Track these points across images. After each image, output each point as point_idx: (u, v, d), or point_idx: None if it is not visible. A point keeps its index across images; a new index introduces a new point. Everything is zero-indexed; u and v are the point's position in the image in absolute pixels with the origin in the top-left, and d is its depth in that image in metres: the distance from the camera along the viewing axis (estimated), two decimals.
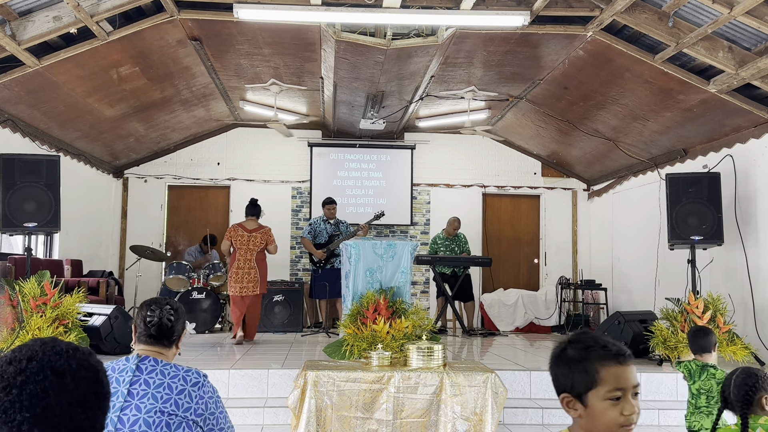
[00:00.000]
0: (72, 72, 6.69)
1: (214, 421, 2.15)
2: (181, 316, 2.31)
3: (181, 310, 2.33)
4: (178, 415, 2.06)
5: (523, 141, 10.48)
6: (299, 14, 5.84)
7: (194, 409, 2.09)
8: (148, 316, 2.26)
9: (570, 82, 7.63)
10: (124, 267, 10.02)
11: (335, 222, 8.53)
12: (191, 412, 2.08)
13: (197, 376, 2.16)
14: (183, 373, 2.14)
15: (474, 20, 5.99)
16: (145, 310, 2.28)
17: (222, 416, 2.19)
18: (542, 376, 5.66)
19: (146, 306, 2.30)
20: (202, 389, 2.14)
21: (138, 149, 9.83)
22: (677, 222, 6.70)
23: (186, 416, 2.07)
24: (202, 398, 2.12)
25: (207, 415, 2.12)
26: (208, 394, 2.15)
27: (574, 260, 10.78)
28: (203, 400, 2.13)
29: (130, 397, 2.05)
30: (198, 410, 2.10)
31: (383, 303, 5.77)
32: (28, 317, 5.42)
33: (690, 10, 5.70)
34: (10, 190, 5.97)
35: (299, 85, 8.26)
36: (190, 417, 2.08)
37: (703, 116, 7.11)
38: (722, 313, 6.06)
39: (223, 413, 2.20)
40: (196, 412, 2.10)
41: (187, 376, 2.14)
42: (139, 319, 2.28)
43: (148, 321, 2.25)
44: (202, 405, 2.12)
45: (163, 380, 2.10)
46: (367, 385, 4.15)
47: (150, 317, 2.25)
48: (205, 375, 2.20)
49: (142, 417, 2.04)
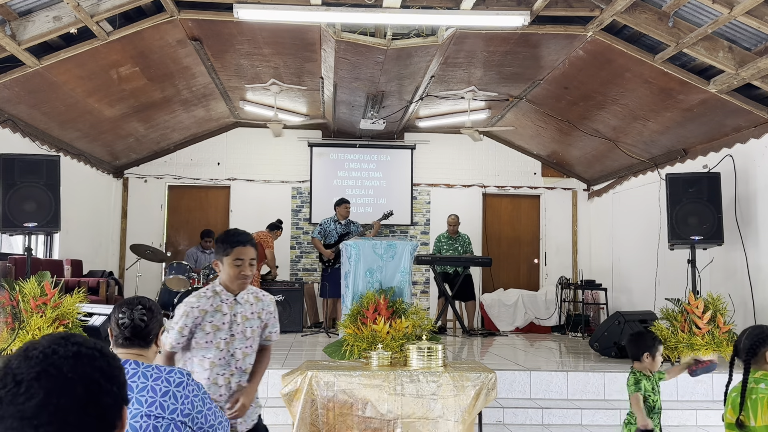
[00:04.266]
0: (72, 72, 6.68)
1: (202, 419, 2.13)
2: (156, 315, 2.26)
3: (156, 308, 2.28)
4: (164, 417, 2.04)
5: (523, 141, 10.48)
6: (299, 14, 5.84)
7: (180, 409, 2.07)
8: (120, 319, 2.22)
9: (570, 82, 7.63)
10: (124, 267, 10.02)
11: (346, 222, 8.57)
12: (178, 413, 2.06)
13: (180, 376, 2.13)
14: (165, 375, 2.11)
15: (474, 20, 5.99)
16: (117, 312, 2.24)
17: (210, 412, 2.17)
18: (542, 376, 5.66)
19: (117, 308, 2.25)
20: (187, 388, 2.11)
21: (138, 149, 9.83)
22: (677, 222, 6.69)
23: (173, 418, 2.05)
24: (187, 397, 2.10)
25: (194, 414, 2.10)
26: (193, 393, 2.12)
27: (574, 260, 10.78)
28: (188, 399, 2.10)
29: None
30: (185, 410, 2.08)
31: (383, 303, 5.76)
32: (28, 317, 5.42)
33: (690, 10, 5.70)
34: (10, 190, 5.96)
35: (299, 85, 8.26)
36: (178, 418, 2.06)
37: (703, 116, 7.11)
38: (722, 313, 6.06)
39: (211, 409, 2.18)
40: (183, 412, 2.07)
41: (170, 377, 2.10)
42: (112, 322, 2.24)
43: (121, 323, 2.21)
44: (188, 405, 2.09)
45: (146, 383, 2.07)
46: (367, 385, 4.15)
47: (122, 319, 2.21)
48: (188, 373, 2.17)
49: (129, 423, 2.01)
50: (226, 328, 2.73)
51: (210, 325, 2.71)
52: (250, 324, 2.79)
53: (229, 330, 2.73)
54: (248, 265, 2.72)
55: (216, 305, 2.73)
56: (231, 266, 2.71)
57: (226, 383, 2.74)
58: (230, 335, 2.73)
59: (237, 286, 2.74)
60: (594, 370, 5.83)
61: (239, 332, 2.75)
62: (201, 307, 2.70)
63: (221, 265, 2.75)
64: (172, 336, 2.71)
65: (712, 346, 5.89)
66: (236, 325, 2.75)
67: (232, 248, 2.71)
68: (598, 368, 5.93)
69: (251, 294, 2.84)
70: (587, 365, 6.34)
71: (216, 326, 2.71)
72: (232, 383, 2.74)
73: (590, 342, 7.17)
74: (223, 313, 2.73)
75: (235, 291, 2.77)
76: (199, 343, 2.71)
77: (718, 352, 5.86)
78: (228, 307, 2.75)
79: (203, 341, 2.70)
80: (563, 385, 5.53)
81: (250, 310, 2.80)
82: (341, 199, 8.69)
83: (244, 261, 2.71)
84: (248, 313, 2.79)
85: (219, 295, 2.75)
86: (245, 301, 2.80)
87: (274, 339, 2.96)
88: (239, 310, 2.76)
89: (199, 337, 2.71)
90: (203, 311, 2.70)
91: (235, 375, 2.76)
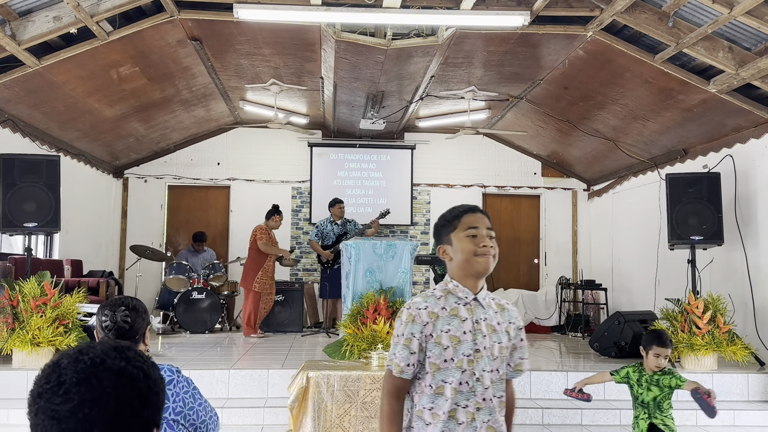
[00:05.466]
0: (72, 72, 6.68)
1: (194, 415, 2.12)
2: (141, 314, 2.24)
3: (140, 306, 2.26)
4: None
5: (523, 141, 10.48)
6: (299, 14, 5.84)
7: (172, 408, 2.06)
8: (103, 321, 2.20)
9: (570, 82, 7.63)
10: (124, 267, 10.02)
11: (342, 222, 8.57)
12: (170, 412, 2.05)
13: (170, 374, 2.12)
14: None
15: (474, 20, 5.99)
16: (100, 314, 2.22)
17: (201, 408, 2.16)
18: (542, 376, 5.67)
19: (101, 310, 2.24)
20: (177, 386, 2.10)
21: (138, 149, 9.83)
22: (677, 222, 6.69)
23: (165, 417, 2.04)
24: (178, 395, 2.09)
25: (186, 411, 2.10)
26: (183, 390, 2.11)
27: (574, 260, 10.78)
28: (179, 397, 2.09)
29: None
30: (176, 409, 2.07)
31: (383, 303, 5.77)
32: (28, 317, 5.42)
33: (690, 10, 5.70)
34: (10, 190, 5.97)
35: (299, 85, 8.26)
36: (170, 417, 2.05)
37: (703, 116, 7.11)
38: (722, 313, 6.06)
39: (202, 404, 2.17)
40: (175, 411, 2.07)
41: None
42: (96, 324, 2.23)
43: (104, 325, 2.19)
44: (179, 402, 2.08)
45: None
46: (367, 386, 4.15)
47: (105, 321, 2.19)
48: (178, 370, 2.15)
49: None
50: (469, 339, 1.94)
51: (446, 335, 1.94)
52: (497, 338, 1.99)
53: (473, 342, 1.95)
54: (488, 237, 2.00)
55: (450, 308, 1.98)
56: (465, 240, 1.99)
57: (469, 419, 1.92)
58: (474, 350, 1.94)
59: (479, 268, 1.97)
60: (594, 370, 5.83)
61: (486, 347, 1.96)
62: (430, 309, 1.96)
63: (450, 249, 2.04)
64: (399, 354, 1.95)
65: (712, 346, 5.89)
66: (481, 337, 1.96)
67: (458, 218, 2.04)
68: (598, 368, 5.93)
69: (492, 299, 2.07)
70: (587, 365, 6.34)
71: (455, 337, 1.94)
72: (477, 421, 1.92)
73: (590, 342, 7.17)
74: (461, 319, 1.96)
75: (474, 286, 2.00)
76: (434, 363, 1.93)
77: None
78: (467, 310, 1.98)
79: (439, 359, 1.93)
80: (563, 385, 5.53)
81: (495, 319, 2.02)
82: (334, 199, 8.69)
83: (479, 229, 2.00)
84: (494, 323, 2.00)
85: (453, 294, 2.00)
86: (488, 305, 2.03)
87: (525, 369, 2.11)
88: (482, 315, 1.99)
89: (433, 354, 1.94)
90: (433, 315, 1.96)
91: (483, 410, 1.93)
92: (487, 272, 1.99)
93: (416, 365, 1.94)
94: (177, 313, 8.28)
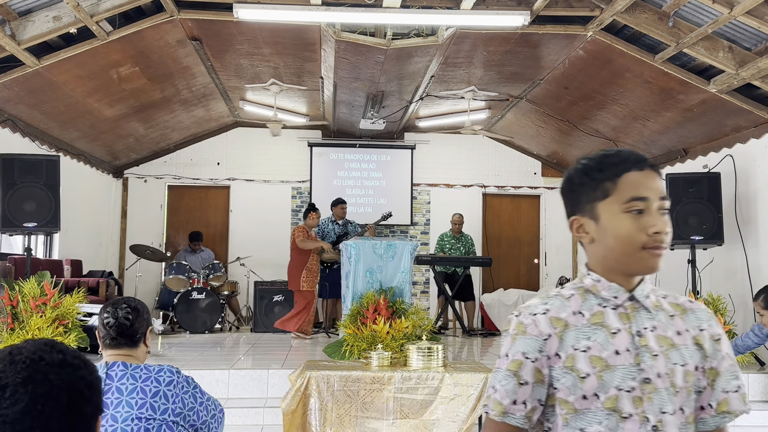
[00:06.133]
0: (72, 72, 6.68)
1: (194, 416, 2.10)
2: (142, 314, 2.25)
3: (142, 307, 2.28)
4: (156, 419, 2.01)
5: (523, 141, 10.48)
6: (299, 14, 5.83)
7: (172, 409, 2.05)
8: (105, 319, 2.21)
9: (570, 82, 7.63)
10: (124, 267, 10.01)
11: (343, 222, 8.57)
12: (169, 413, 2.04)
13: (170, 375, 2.10)
14: (155, 375, 2.08)
15: (474, 20, 5.99)
16: (102, 313, 2.23)
17: (203, 408, 2.14)
18: None
19: (103, 309, 2.25)
20: (177, 386, 2.09)
21: (138, 149, 9.83)
22: (677, 222, 6.69)
23: (165, 419, 2.02)
24: (177, 396, 2.07)
25: (186, 412, 2.08)
26: (183, 390, 2.10)
27: (574, 260, 10.77)
28: (179, 397, 2.07)
29: (105, 407, 1.96)
30: (176, 410, 2.05)
31: (383, 303, 5.76)
32: (28, 317, 5.41)
33: (690, 10, 5.70)
34: (10, 190, 5.96)
35: (299, 85, 8.26)
36: (169, 418, 2.03)
37: (703, 116, 7.11)
38: (722, 313, 6.05)
39: (203, 404, 2.15)
40: (175, 412, 2.05)
41: (160, 377, 2.08)
42: (98, 323, 2.23)
43: (106, 323, 2.20)
44: (179, 403, 2.07)
45: (136, 384, 2.04)
46: (367, 386, 4.14)
47: (107, 319, 2.21)
48: (178, 371, 2.14)
49: (120, 427, 1.98)
50: (627, 362, 1.25)
51: (585, 357, 1.25)
52: (679, 355, 1.28)
53: (634, 367, 1.25)
54: (660, 213, 1.32)
55: (591, 313, 1.30)
56: (626, 219, 1.29)
57: None
58: (642, 380, 1.24)
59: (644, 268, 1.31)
60: None
61: (660, 374, 1.25)
62: (554, 314, 1.29)
63: (593, 226, 1.32)
64: (500, 387, 1.27)
65: None
66: (648, 356, 1.26)
67: (617, 176, 1.31)
68: None
69: (662, 297, 1.37)
70: None
71: (600, 360, 1.25)
72: None
73: None
74: (611, 330, 1.27)
75: (627, 281, 1.32)
76: (566, 400, 1.25)
77: None
78: (619, 316, 1.30)
79: (574, 395, 1.25)
80: None
81: (672, 327, 1.31)
82: (337, 199, 8.69)
83: (649, 201, 1.30)
84: (670, 333, 1.30)
85: (594, 294, 1.32)
86: (655, 305, 1.33)
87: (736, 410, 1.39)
88: (647, 323, 1.29)
89: (563, 387, 1.25)
90: (560, 323, 1.28)
91: None
92: (655, 272, 1.31)
93: (532, 404, 1.25)
94: (177, 313, 8.28)
